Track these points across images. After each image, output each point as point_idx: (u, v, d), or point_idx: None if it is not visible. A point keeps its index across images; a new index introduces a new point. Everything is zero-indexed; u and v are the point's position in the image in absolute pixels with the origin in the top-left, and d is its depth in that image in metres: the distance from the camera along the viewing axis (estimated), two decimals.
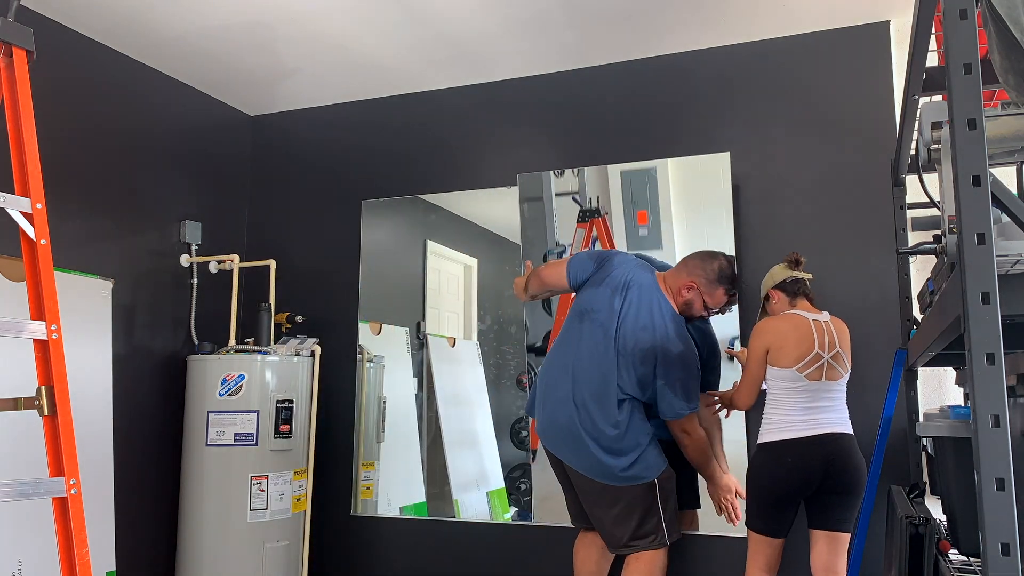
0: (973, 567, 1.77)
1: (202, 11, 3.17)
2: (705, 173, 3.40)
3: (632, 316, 2.81)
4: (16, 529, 2.86)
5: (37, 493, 1.74)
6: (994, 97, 2.14)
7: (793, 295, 2.87)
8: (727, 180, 3.33)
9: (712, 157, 3.37)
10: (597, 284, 2.89)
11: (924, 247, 2.20)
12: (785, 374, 2.75)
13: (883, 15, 3.22)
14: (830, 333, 2.79)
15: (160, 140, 3.73)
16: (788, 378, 2.74)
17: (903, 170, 2.72)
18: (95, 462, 3.21)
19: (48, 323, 1.83)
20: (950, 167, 1.30)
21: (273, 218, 4.19)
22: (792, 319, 2.79)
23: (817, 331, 2.76)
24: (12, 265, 2.98)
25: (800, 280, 2.87)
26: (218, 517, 3.36)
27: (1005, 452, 1.11)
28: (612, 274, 2.88)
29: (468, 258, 3.85)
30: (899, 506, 2.10)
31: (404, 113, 4.00)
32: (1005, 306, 1.17)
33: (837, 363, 2.77)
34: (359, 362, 3.91)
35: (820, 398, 2.75)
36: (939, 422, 1.80)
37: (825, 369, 2.75)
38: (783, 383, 2.76)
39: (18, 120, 1.90)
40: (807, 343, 2.74)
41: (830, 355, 2.76)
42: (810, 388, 2.74)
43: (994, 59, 1.33)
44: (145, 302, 3.61)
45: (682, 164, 3.42)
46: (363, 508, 3.83)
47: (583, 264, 2.96)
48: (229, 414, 3.39)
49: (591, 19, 3.24)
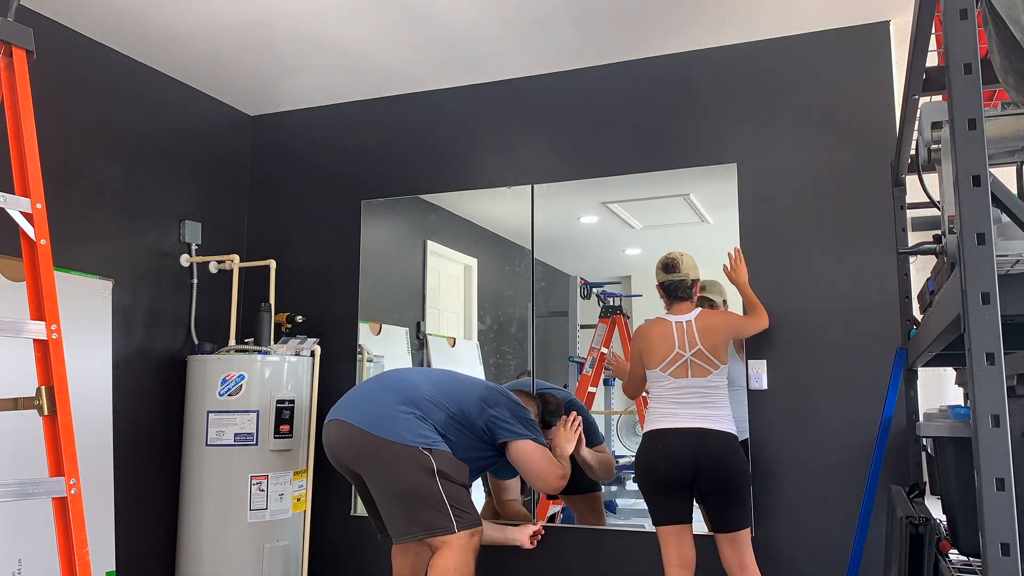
0: (973, 567, 1.77)
1: (202, 11, 3.17)
2: (713, 175, 3.40)
3: None
4: (16, 529, 2.86)
5: (37, 493, 1.74)
6: (994, 97, 2.14)
7: (671, 296, 3.02)
8: (733, 189, 3.34)
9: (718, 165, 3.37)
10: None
11: (924, 247, 2.20)
12: (654, 374, 2.95)
13: (883, 15, 3.22)
14: (691, 332, 2.93)
15: (160, 140, 3.73)
16: (656, 377, 2.95)
17: (903, 170, 2.72)
18: (95, 462, 3.21)
19: (48, 323, 1.83)
20: (950, 167, 1.30)
21: (273, 218, 4.19)
22: (659, 324, 2.99)
23: (677, 332, 2.94)
24: (12, 265, 2.98)
25: (675, 283, 3.01)
26: (218, 517, 3.36)
27: (1005, 452, 1.11)
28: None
29: (468, 258, 3.85)
30: (899, 506, 2.10)
31: (404, 113, 4.00)
32: (1005, 306, 1.17)
33: (702, 361, 2.90)
34: (359, 362, 3.91)
35: (691, 395, 2.88)
36: (939, 422, 1.80)
37: (689, 366, 2.90)
38: (655, 382, 2.95)
39: (18, 120, 1.90)
40: (667, 344, 2.93)
41: (691, 353, 2.90)
42: (680, 385, 2.90)
43: (994, 59, 1.33)
44: (145, 302, 3.61)
45: (694, 174, 3.42)
46: (363, 508, 3.83)
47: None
48: (229, 414, 3.39)
49: (591, 19, 3.24)
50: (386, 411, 2.86)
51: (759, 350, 3.24)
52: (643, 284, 3.49)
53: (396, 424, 2.84)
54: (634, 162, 3.55)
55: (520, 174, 3.74)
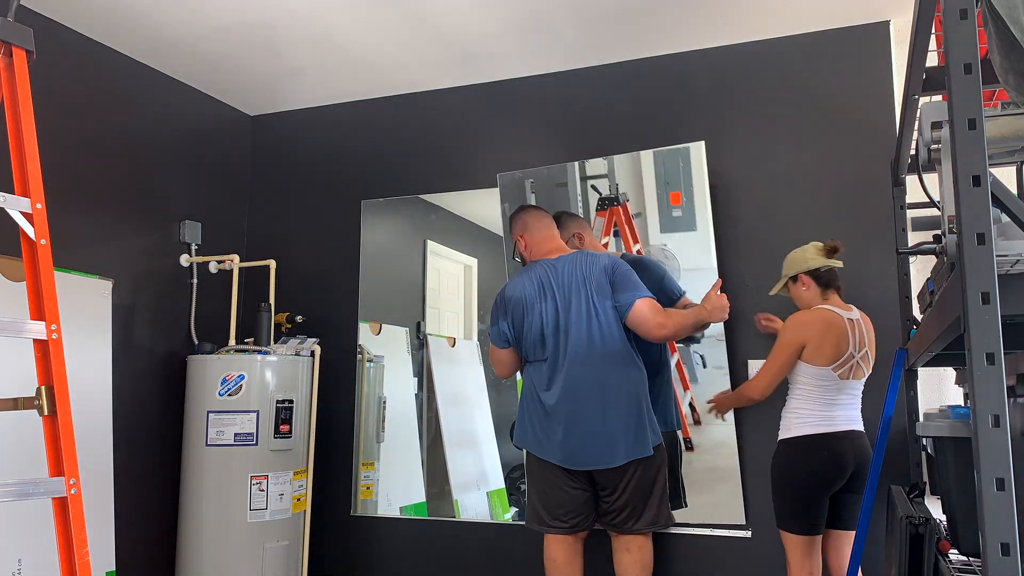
0: (973, 567, 1.77)
1: (202, 11, 3.17)
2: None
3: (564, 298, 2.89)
4: (16, 529, 2.86)
5: (37, 493, 1.74)
6: (994, 97, 2.14)
7: (826, 286, 2.84)
8: (703, 170, 3.34)
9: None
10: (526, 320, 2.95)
11: (924, 247, 2.20)
12: (819, 372, 2.73)
13: (883, 15, 3.22)
14: (861, 332, 2.79)
15: (160, 140, 3.73)
16: (820, 375, 2.73)
17: (903, 170, 2.72)
18: (95, 462, 3.21)
19: (48, 323, 1.83)
20: (950, 167, 1.30)
21: (273, 218, 4.19)
22: (828, 316, 2.77)
23: (851, 330, 2.77)
24: (12, 265, 2.98)
25: (834, 271, 2.84)
26: (218, 517, 3.36)
27: (1005, 452, 1.11)
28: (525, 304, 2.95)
29: (468, 258, 3.85)
30: (899, 506, 2.10)
31: (404, 113, 4.00)
32: (1005, 306, 1.17)
33: (864, 363, 2.80)
34: (359, 362, 3.91)
35: (843, 394, 2.77)
36: (939, 422, 1.80)
37: (854, 368, 2.77)
38: (814, 380, 2.75)
39: (18, 120, 1.90)
40: (844, 343, 2.74)
41: (860, 355, 2.77)
42: (841, 386, 2.76)
43: (994, 59, 1.33)
44: (145, 302, 3.61)
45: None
46: (363, 508, 3.83)
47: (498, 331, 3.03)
48: (229, 414, 3.39)
49: (591, 19, 3.24)
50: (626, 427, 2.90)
51: (759, 350, 3.23)
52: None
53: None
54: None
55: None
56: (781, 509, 2.79)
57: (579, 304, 2.87)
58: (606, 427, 2.81)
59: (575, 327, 2.86)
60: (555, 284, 2.92)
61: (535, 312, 2.92)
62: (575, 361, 2.85)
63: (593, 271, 2.89)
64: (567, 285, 2.90)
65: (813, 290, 2.86)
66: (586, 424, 2.82)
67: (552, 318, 2.90)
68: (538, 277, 2.95)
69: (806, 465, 2.72)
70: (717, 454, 3.23)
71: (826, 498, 2.75)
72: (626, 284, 2.86)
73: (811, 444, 2.72)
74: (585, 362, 2.84)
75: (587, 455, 2.84)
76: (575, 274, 2.90)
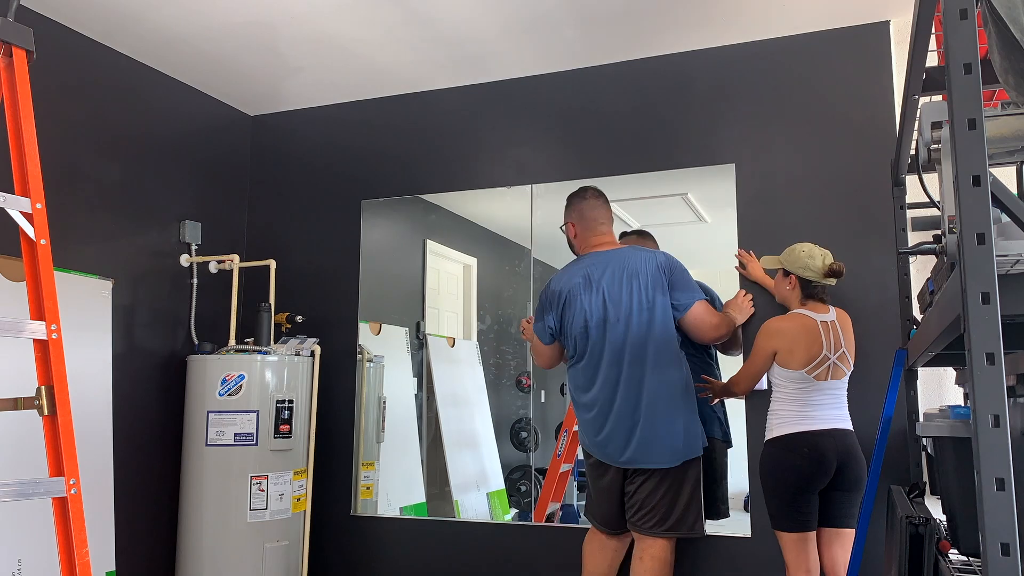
0: (973, 567, 1.77)
1: (202, 11, 3.17)
2: (711, 175, 3.40)
3: (614, 290, 2.89)
4: (16, 529, 2.86)
5: (37, 493, 1.74)
6: (994, 97, 2.14)
7: (809, 296, 2.91)
8: (731, 188, 3.34)
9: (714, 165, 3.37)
10: (573, 314, 2.95)
11: (924, 247, 2.20)
12: (794, 375, 2.80)
13: (883, 15, 3.22)
14: (836, 333, 2.83)
15: (160, 140, 3.73)
16: (796, 378, 2.81)
17: (903, 170, 2.72)
18: (95, 462, 3.21)
19: (48, 323, 1.83)
20: (950, 167, 1.30)
21: (273, 218, 4.19)
22: (801, 321, 2.83)
23: (824, 333, 2.81)
24: (12, 265, 2.98)
25: (825, 287, 2.92)
26: (218, 517, 3.36)
27: (1005, 452, 1.11)
28: (570, 296, 2.95)
29: (468, 258, 3.85)
30: (899, 506, 2.10)
31: (404, 113, 4.00)
32: (1005, 306, 1.17)
33: (841, 362, 2.84)
34: (359, 362, 3.91)
35: (823, 394, 2.81)
36: (939, 422, 1.80)
37: (831, 369, 2.81)
38: (791, 382, 2.82)
39: (18, 120, 1.90)
40: (816, 346, 2.80)
41: (836, 356, 2.82)
42: (819, 387, 2.81)
43: (994, 59, 1.33)
44: (145, 302, 3.61)
45: (692, 174, 3.42)
46: (363, 508, 3.83)
47: (543, 326, 3.04)
48: (229, 414, 3.39)
49: (591, 19, 3.24)
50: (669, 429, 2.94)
51: None
52: None
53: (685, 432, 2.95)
54: (633, 162, 3.55)
55: (520, 174, 3.73)
56: (772, 508, 2.83)
57: (630, 298, 2.87)
58: (654, 428, 2.84)
59: (624, 321, 2.87)
60: (604, 276, 2.91)
61: (578, 304, 2.92)
62: (619, 357, 2.86)
63: (648, 266, 2.90)
64: (618, 278, 2.90)
65: (796, 292, 2.93)
66: (630, 420, 2.85)
67: (599, 310, 2.90)
68: (585, 269, 2.95)
69: (787, 463, 2.77)
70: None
71: (813, 495, 2.78)
72: (685, 284, 2.91)
73: (791, 442, 2.78)
74: (633, 359, 2.85)
75: (634, 454, 2.87)
76: (627, 267, 2.90)
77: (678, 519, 2.88)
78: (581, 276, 2.94)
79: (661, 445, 2.83)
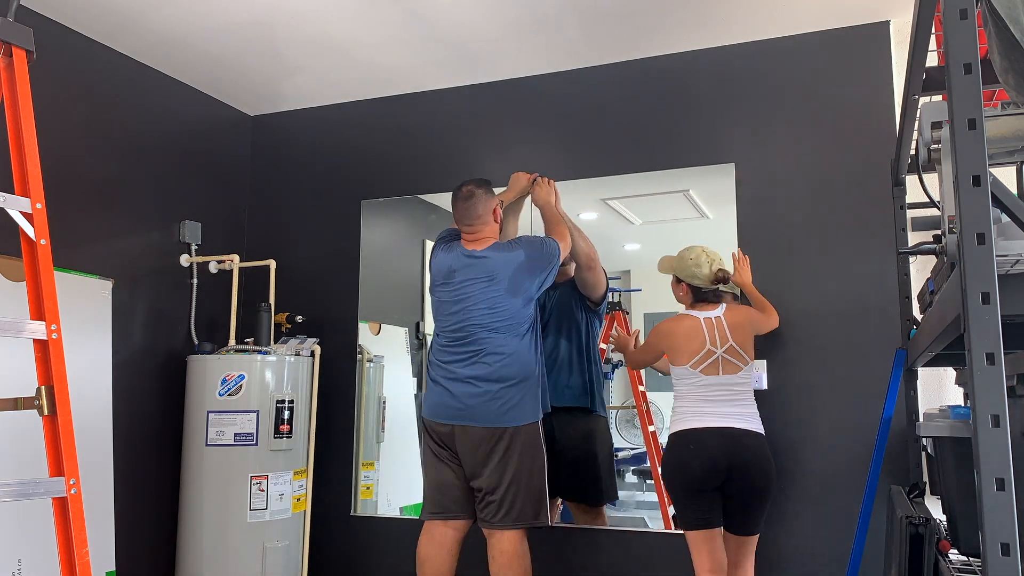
0: (973, 567, 1.77)
1: (202, 11, 3.17)
2: (713, 171, 3.40)
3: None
4: (16, 529, 2.86)
5: (37, 493, 1.74)
6: (994, 97, 2.14)
7: (701, 300, 2.94)
8: (732, 184, 3.34)
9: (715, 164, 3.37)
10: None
11: (924, 247, 2.20)
12: (682, 371, 2.85)
13: (883, 15, 3.22)
14: (721, 328, 2.85)
15: (160, 140, 3.73)
16: (685, 375, 2.84)
17: (903, 170, 2.72)
18: (95, 462, 3.21)
19: (48, 323, 1.83)
20: (950, 167, 1.30)
21: (273, 218, 4.19)
22: (687, 321, 2.89)
23: (707, 328, 2.85)
24: (12, 265, 2.98)
25: (718, 291, 2.94)
26: (218, 517, 3.36)
27: (1005, 452, 1.11)
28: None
29: None
30: (899, 506, 2.10)
31: (404, 113, 4.00)
32: (1005, 306, 1.17)
33: (733, 357, 2.83)
34: (359, 362, 3.91)
35: (720, 391, 2.80)
36: (939, 422, 1.80)
37: (720, 364, 2.81)
38: (683, 379, 2.85)
39: (18, 120, 1.91)
40: (697, 340, 2.83)
41: (723, 350, 2.82)
42: (710, 382, 2.81)
43: (994, 59, 1.33)
44: (145, 302, 3.61)
45: (694, 171, 3.43)
46: (363, 508, 3.83)
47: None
48: (229, 414, 3.39)
49: (591, 19, 3.24)
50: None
51: (758, 350, 3.23)
52: (642, 279, 3.49)
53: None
54: (633, 162, 3.55)
55: None
56: (676, 506, 2.81)
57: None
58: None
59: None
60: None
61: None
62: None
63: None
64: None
65: (688, 296, 2.97)
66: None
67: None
68: None
69: (678, 458, 2.75)
70: None
71: (710, 493, 2.71)
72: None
73: (680, 439, 2.78)
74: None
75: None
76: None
77: (520, 509, 2.97)
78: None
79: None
